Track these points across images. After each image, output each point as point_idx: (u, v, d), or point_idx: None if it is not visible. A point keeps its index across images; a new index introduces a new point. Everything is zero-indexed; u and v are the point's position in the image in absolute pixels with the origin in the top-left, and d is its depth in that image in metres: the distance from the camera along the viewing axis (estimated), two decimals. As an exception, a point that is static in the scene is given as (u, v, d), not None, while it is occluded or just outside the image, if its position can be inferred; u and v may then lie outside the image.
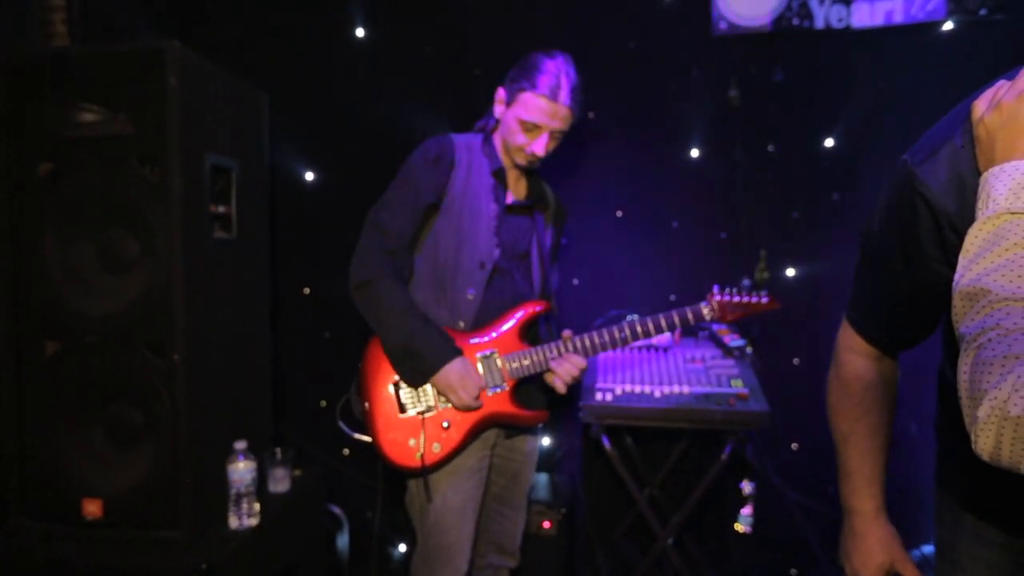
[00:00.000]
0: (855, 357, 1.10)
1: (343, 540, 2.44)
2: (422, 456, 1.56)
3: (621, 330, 1.66)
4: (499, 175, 1.70)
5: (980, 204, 0.75)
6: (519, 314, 1.68)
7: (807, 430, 2.50)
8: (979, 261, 0.71)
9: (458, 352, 1.56)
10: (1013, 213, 0.70)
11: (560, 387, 1.65)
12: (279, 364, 2.29)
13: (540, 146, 1.63)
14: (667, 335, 2.29)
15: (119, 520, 1.57)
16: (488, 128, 1.76)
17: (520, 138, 1.63)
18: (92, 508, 1.56)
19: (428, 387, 1.59)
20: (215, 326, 1.67)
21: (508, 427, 1.71)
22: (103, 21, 2.58)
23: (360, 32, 2.63)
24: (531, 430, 1.82)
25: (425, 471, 1.57)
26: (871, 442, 1.09)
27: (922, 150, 0.88)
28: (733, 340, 2.20)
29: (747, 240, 2.54)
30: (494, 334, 1.65)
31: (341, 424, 1.72)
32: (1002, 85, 0.80)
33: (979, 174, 0.78)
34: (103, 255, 1.59)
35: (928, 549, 2.17)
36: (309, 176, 2.69)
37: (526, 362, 1.63)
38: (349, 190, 2.68)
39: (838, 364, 1.13)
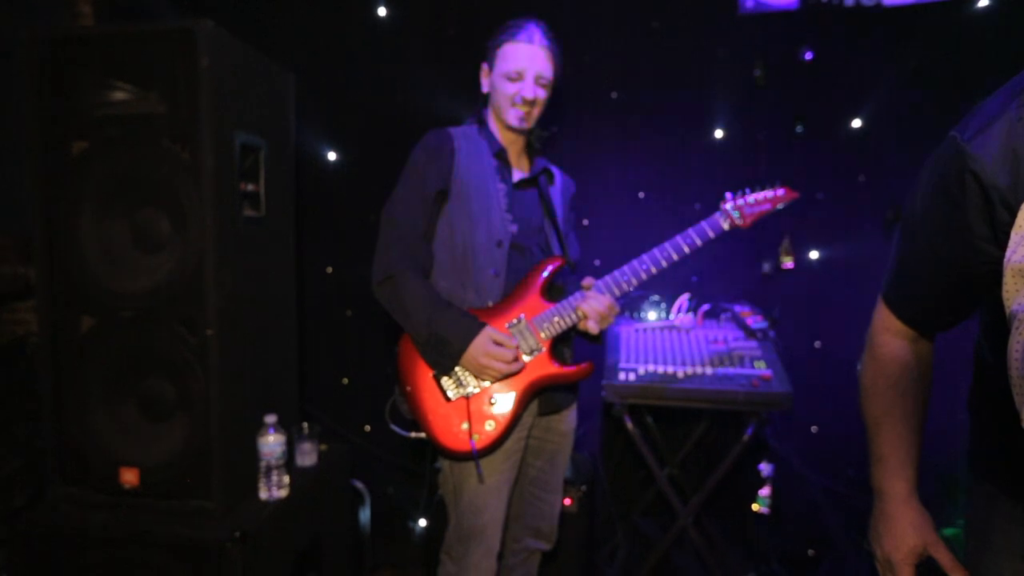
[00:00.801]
0: (891, 338, 1.07)
1: (365, 514, 2.49)
2: (477, 438, 1.57)
3: (642, 262, 1.69)
4: (501, 155, 1.73)
5: None
6: (535, 274, 1.69)
7: (827, 413, 2.50)
8: None
9: (481, 326, 1.57)
10: None
11: (593, 328, 1.65)
12: (302, 342, 2.32)
13: (529, 90, 1.66)
14: (690, 317, 2.30)
15: (155, 490, 1.62)
16: (480, 112, 1.81)
17: (508, 89, 1.67)
18: (129, 477, 1.61)
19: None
20: (245, 303, 1.70)
21: (556, 388, 1.72)
22: (126, 2, 2.61)
23: (382, 11, 2.62)
24: (570, 404, 1.82)
25: (481, 453, 1.58)
26: (906, 425, 1.07)
27: (973, 125, 0.86)
28: (756, 322, 2.20)
29: (770, 222, 2.51)
30: (516, 300, 1.66)
31: (394, 427, 1.73)
32: None
33: None
34: (136, 233, 1.62)
35: (948, 532, 2.17)
36: (332, 156, 2.71)
37: (555, 319, 1.64)
38: (371, 170, 2.69)
39: (873, 346, 1.10)
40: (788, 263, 2.53)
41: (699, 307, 2.32)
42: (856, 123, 2.44)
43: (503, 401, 1.60)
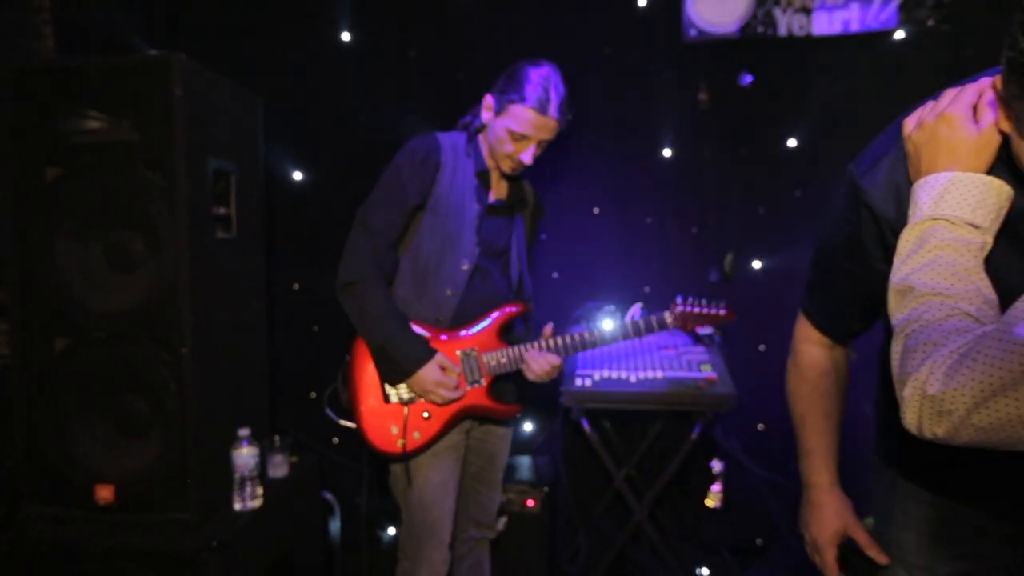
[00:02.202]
0: (810, 347, 1.21)
1: (335, 525, 2.55)
2: (403, 443, 1.67)
3: (591, 334, 1.79)
4: (483, 176, 1.79)
5: (910, 211, 0.86)
6: (497, 314, 1.78)
7: (772, 411, 2.67)
8: (908, 261, 0.82)
9: (431, 354, 1.66)
10: (934, 219, 0.82)
11: (531, 378, 1.77)
12: (271, 357, 2.38)
13: (528, 156, 1.71)
14: (637, 314, 2.45)
15: (130, 504, 1.66)
16: (472, 128, 1.83)
17: (508, 147, 1.70)
18: (104, 493, 1.66)
19: None
20: (217, 321, 1.77)
21: (483, 419, 1.84)
22: (87, 27, 2.65)
23: (346, 36, 2.72)
24: (505, 421, 1.94)
25: (406, 456, 1.69)
26: (825, 423, 1.21)
27: (865, 161, 1.00)
28: (703, 329, 2.36)
29: (717, 235, 2.70)
30: (474, 332, 1.75)
31: (328, 411, 1.83)
32: (927, 105, 0.91)
33: (911, 184, 0.88)
34: (111, 255, 1.68)
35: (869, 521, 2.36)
36: (297, 176, 2.79)
37: (504, 360, 1.74)
38: (335, 190, 2.78)
39: (795, 353, 1.24)
40: (714, 276, 2.70)
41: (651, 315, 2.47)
42: (792, 142, 2.64)
43: (436, 416, 1.71)
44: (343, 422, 1.77)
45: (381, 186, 1.73)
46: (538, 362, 1.74)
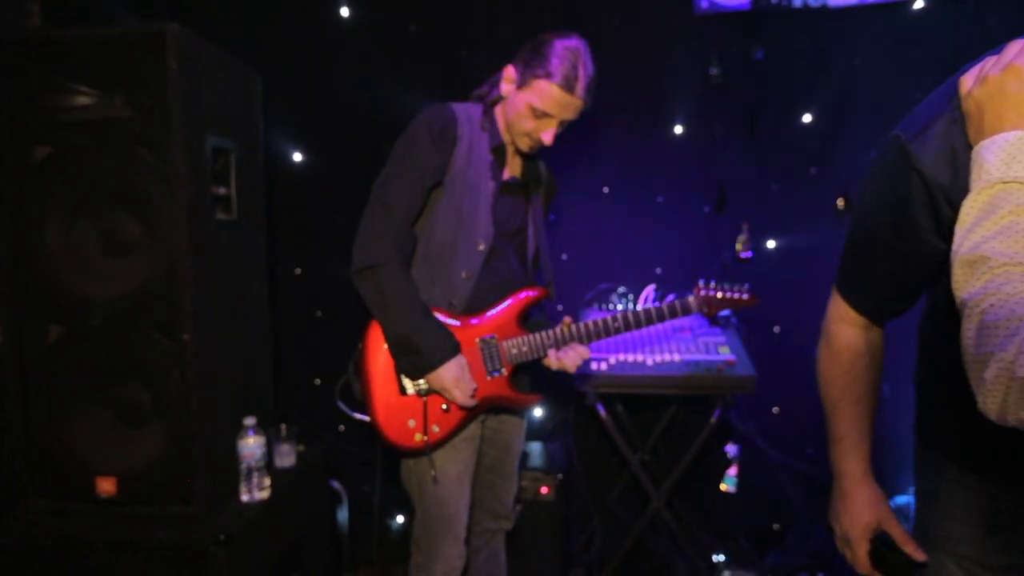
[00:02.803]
0: (845, 327, 1.13)
1: (343, 514, 2.50)
2: (423, 438, 1.59)
3: (615, 320, 1.70)
4: (498, 152, 1.69)
5: (973, 176, 0.78)
6: (515, 299, 1.69)
7: (787, 394, 2.62)
8: (976, 230, 0.75)
9: (456, 350, 1.57)
10: (1006, 182, 0.74)
11: (554, 367, 1.69)
12: (274, 344, 2.32)
13: (549, 135, 1.62)
14: (651, 295, 2.39)
15: (134, 497, 1.60)
16: (489, 100, 1.72)
17: (528, 124, 1.60)
18: (106, 486, 1.59)
19: None
20: (219, 306, 1.69)
21: (503, 409, 1.77)
22: (74, 5, 2.54)
23: (344, 11, 2.62)
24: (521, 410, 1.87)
25: (428, 450, 1.61)
26: (858, 408, 1.14)
27: (914, 125, 0.92)
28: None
29: (730, 213, 2.62)
30: (493, 318, 1.67)
31: (340, 404, 1.75)
32: (988, 60, 0.83)
33: (970, 147, 0.81)
34: (105, 239, 1.60)
35: (901, 500, 2.32)
36: (297, 157, 2.70)
37: (525, 348, 1.66)
38: (336, 170, 2.69)
39: (828, 334, 1.17)
40: (746, 252, 2.63)
41: (664, 297, 2.40)
42: (807, 118, 2.56)
43: (455, 408, 1.62)
44: (357, 416, 1.69)
45: (397, 160, 1.60)
46: (569, 356, 1.66)
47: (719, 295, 1.78)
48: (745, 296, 1.81)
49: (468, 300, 1.66)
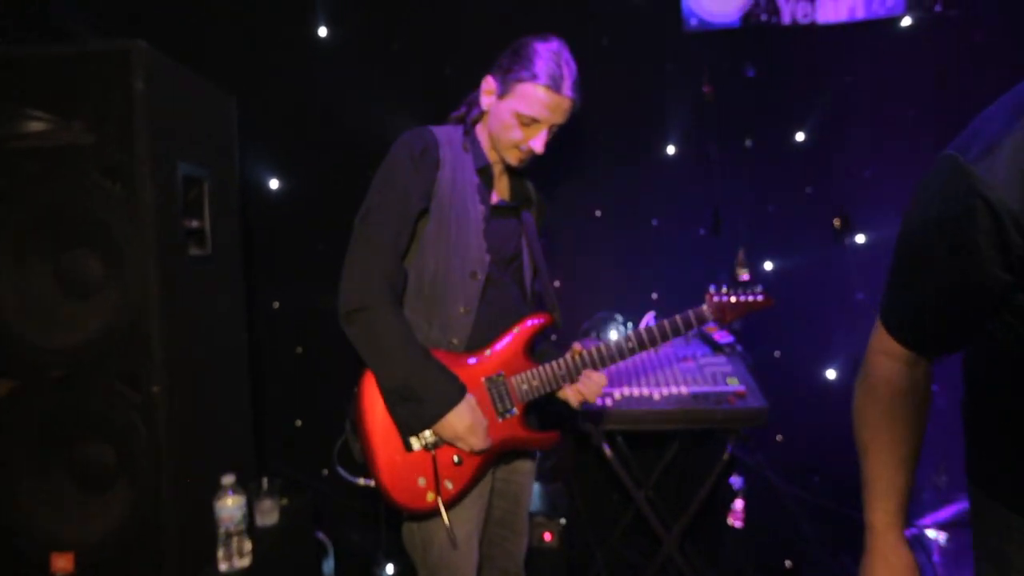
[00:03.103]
0: (887, 361, 1.03)
1: (329, 565, 2.32)
2: (436, 497, 1.41)
3: (629, 340, 1.58)
4: (485, 173, 1.57)
5: None
6: (519, 330, 1.55)
7: (791, 421, 2.54)
8: None
9: (462, 393, 1.42)
10: None
11: (575, 403, 1.56)
12: (252, 386, 2.15)
13: (540, 142, 1.50)
14: (651, 323, 2.29)
15: (97, 572, 1.41)
16: (469, 120, 1.60)
17: (516, 133, 1.49)
18: (62, 563, 1.40)
19: None
20: (193, 353, 1.53)
21: (519, 451, 1.62)
22: (41, 23, 2.37)
23: (323, 31, 2.50)
24: (534, 453, 1.72)
25: (440, 511, 1.42)
26: (894, 453, 1.03)
27: (976, 145, 0.83)
28: (723, 337, 2.20)
29: (726, 235, 2.55)
30: (497, 353, 1.53)
31: (340, 470, 1.57)
32: None
33: None
34: (64, 280, 1.43)
35: (923, 522, 2.23)
36: (274, 183, 2.54)
37: (535, 383, 1.52)
38: (316, 196, 2.55)
39: (868, 367, 1.05)
40: (744, 275, 2.56)
41: (666, 324, 2.30)
42: (800, 136, 2.51)
43: (468, 460, 1.45)
44: (361, 481, 1.50)
45: (378, 190, 1.48)
46: (589, 386, 1.52)
47: (733, 300, 1.66)
48: (760, 298, 1.67)
49: (469, 336, 1.52)
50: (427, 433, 1.41)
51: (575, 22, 2.51)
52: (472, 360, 1.51)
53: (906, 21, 2.44)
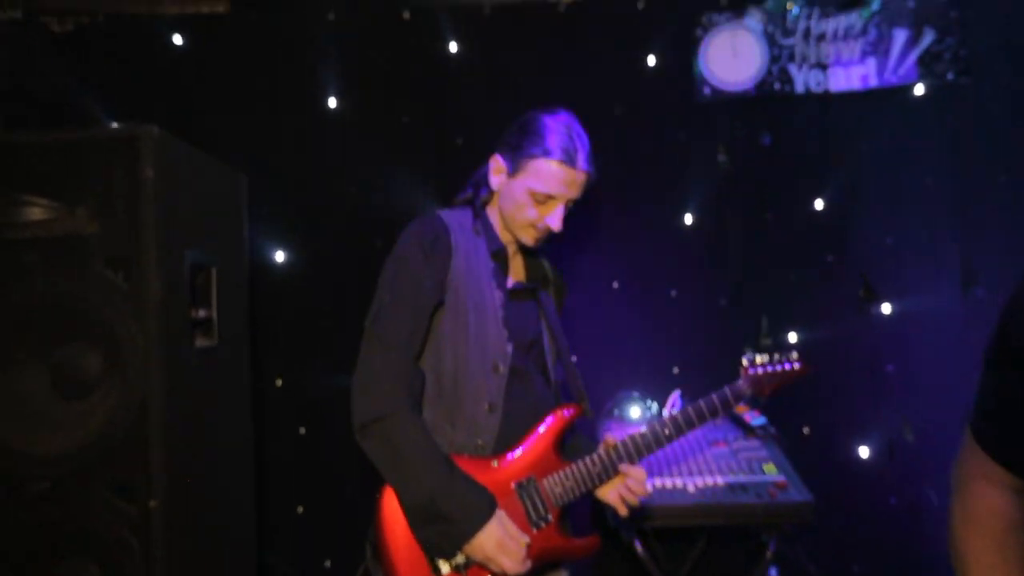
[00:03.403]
0: (989, 488, 0.89)
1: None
2: None
3: (664, 426, 1.47)
4: (499, 256, 1.49)
5: None
6: (549, 425, 1.43)
7: (824, 504, 2.37)
8: None
9: (492, 507, 1.29)
10: None
11: (624, 510, 1.42)
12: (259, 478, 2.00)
13: (557, 220, 1.43)
14: (678, 402, 2.17)
15: None
16: (478, 201, 1.54)
17: (531, 212, 1.43)
18: None
19: None
20: (195, 457, 1.40)
21: (551, 566, 1.46)
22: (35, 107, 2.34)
23: (333, 102, 2.46)
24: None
25: None
26: None
27: None
28: (754, 418, 2.09)
29: (747, 306, 2.47)
30: (527, 454, 1.40)
31: None
32: None
33: None
34: (57, 377, 1.31)
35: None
36: (280, 256, 2.45)
37: (569, 483, 1.39)
38: (321, 271, 2.46)
39: (965, 495, 0.92)
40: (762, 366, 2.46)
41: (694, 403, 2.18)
42: (819, 204, 2.47)
43: None
44: None
45: (388, 286, 1.38)
46: (633, 486, 1.39)
47: (769, 370, 1.54)
48: (797, 365, 1.57)
49: (497, 437, 1.40)
50: (458, 553, 1.26)
51: (587, 92, 2.48)
52: (499, 464, 1.38)
53: (919, 89, 2.44)
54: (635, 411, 2.26)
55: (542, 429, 1.43)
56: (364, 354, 1.33)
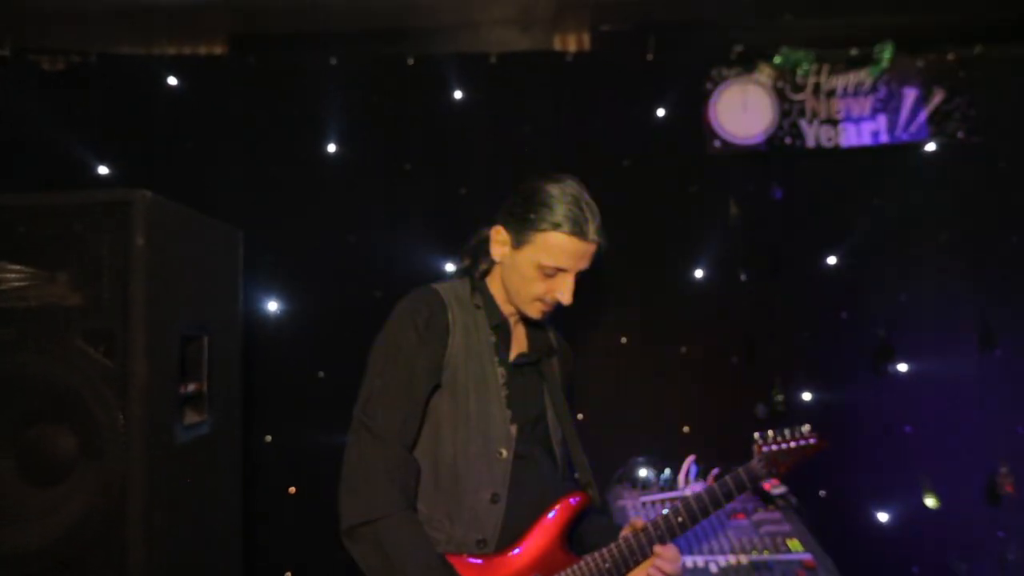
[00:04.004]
0: None
1: None
2: None
3: (677, 514, 1.35)
4: (501, 329, 1.40)
5: None
6: (554, 516, 1.32)
7: (843, 571, 2.28)
8: None
9: None
10: None
11: None
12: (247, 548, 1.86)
13: (567, 293, 1.33)
14: (702, 485, 2.05)
15: None
16: (476, 272, 1.44)
17: (539, 287, 1.33)
18: None
19: None
20: (180, 549, 1.27)
21: None
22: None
23: (332, 148, 2.38)
24: None
25: None
26: None
27: None
28: (774, 487, 1.98)
29: (759, 364, 2.38)
30: (532, 551, 1.29)
31: None
32: None
33: None
34: (28, 462, 1.19)
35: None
36: (272, 307, 2.34)
37: None
38: (315, 325, 2.34)
39: None
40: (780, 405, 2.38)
41: (709, 472, 2.08)
42: (831, 260, 2.41)
43: None
44: None
45: (379, 370, 1.28)
46: (664, 569, 1.29)
47: (784, 447, 1.44)
48: (812, 441, 1.46)
49: (500, 531, 1.28)
50: None
51: (594, 143, 2.43)
52: (501, 564, 1.26)
53: (930, 147, 2.41)
54: (647, 478, 2.15)
55: (547, 521, 1.32)
56: (352, 446, 1.22)
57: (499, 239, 1.37)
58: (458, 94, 2.41)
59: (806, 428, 1.48)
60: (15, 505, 1.17)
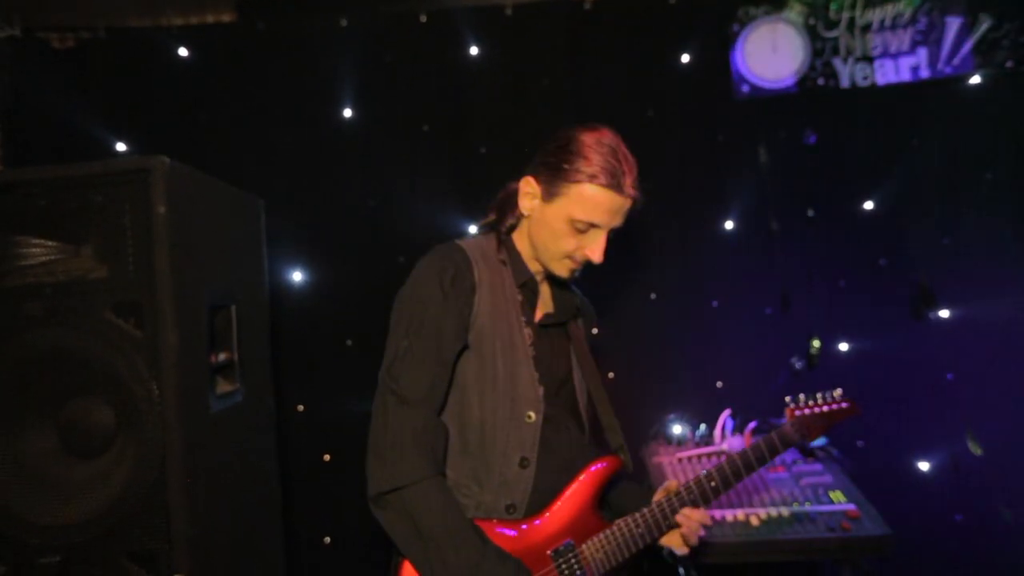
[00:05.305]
0: None
1: None
2: None
3: (711, 478, 1.32)
4: (528, 288, 1.34)
5: None
6: (584, 480, 1.29)
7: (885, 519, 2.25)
8: None
9: None
10: None
11: (684, 548, 1.31)
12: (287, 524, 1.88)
13: (598, 251, 1.27)
14: (739, 439, 2.02)
15: None
16: (504, 227, 1.37)
17: (570, 243, 1.26)
18: None
19: None
20: (221, 518, 1.27)
21: None
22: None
23: (348, 112, 2.32)
24: None
25: None
26: None
27: None
28: (816, 440, 1.93)
29: (795, 315, 2.32)
30: (563, 515, 1.26)
31: None
32: None
33: None
34: (66, 437, 1.19)
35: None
36: (297, 276, 2.33)
37: (611, 547, 1.25)
38: (340, 291, 2.33)
39: None
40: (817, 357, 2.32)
41: (745, 425, 2.05)
42: (868, 205, 2.31)
43: None
44: None
45: (403, 331, 1.22)
46: (691, 531, 1.27)
47: (816, 411, 1.40)
48: (844, 405, 1.43)
49: (530, 496, 1.25)
50: None
51: (616, 94, 2.34)
52: (532, 529, 1.23)
53: (975, 80, 2.27)
54: (682, 435, 2.12)
55: (577, 485, 1.28)
56: (379, 411, 1.18)
57: (529, 191, 1.30)
58: (474, 49, 2.33)
59: (838, 392, 1.44)
60: (59, 478, 1.18)
